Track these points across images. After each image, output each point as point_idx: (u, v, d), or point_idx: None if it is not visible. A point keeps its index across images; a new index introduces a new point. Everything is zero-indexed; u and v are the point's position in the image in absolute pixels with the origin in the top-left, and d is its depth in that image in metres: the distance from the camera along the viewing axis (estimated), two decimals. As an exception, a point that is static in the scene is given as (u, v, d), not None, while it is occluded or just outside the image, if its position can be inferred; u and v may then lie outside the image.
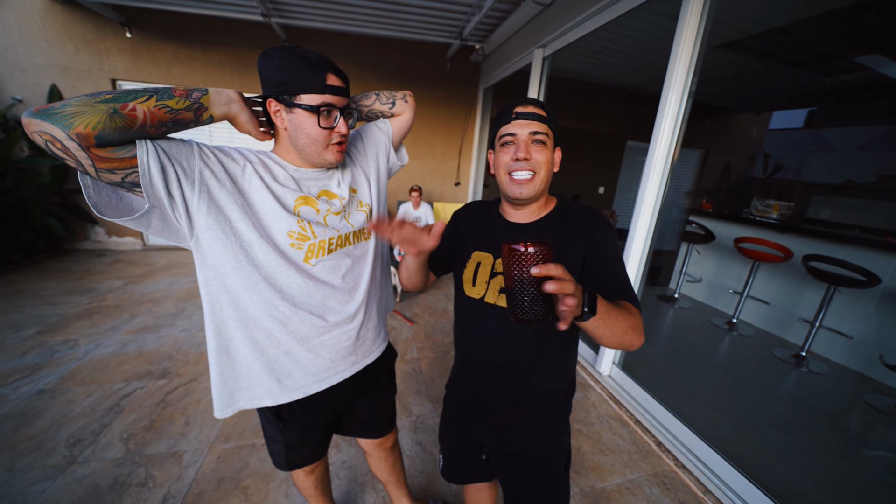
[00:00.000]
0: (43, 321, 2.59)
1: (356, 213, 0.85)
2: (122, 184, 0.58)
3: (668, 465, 1.69)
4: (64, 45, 3.70)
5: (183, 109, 0.60)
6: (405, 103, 0.95)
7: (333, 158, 0.76)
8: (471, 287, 0.82)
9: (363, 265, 0.87)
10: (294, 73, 0.66)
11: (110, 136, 0.53)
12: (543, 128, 0.72)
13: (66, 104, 0.51)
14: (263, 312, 0.73)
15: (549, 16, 2.85)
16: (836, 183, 4.16)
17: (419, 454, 1.67)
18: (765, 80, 3.89)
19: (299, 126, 0.70)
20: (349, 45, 4.23)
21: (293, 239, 0.73)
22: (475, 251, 0.83)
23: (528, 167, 0.72)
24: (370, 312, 0.90)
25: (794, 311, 2.94)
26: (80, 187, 4.01)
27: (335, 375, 0.86)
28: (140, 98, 0.56)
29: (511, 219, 0.82)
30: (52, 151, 0.52)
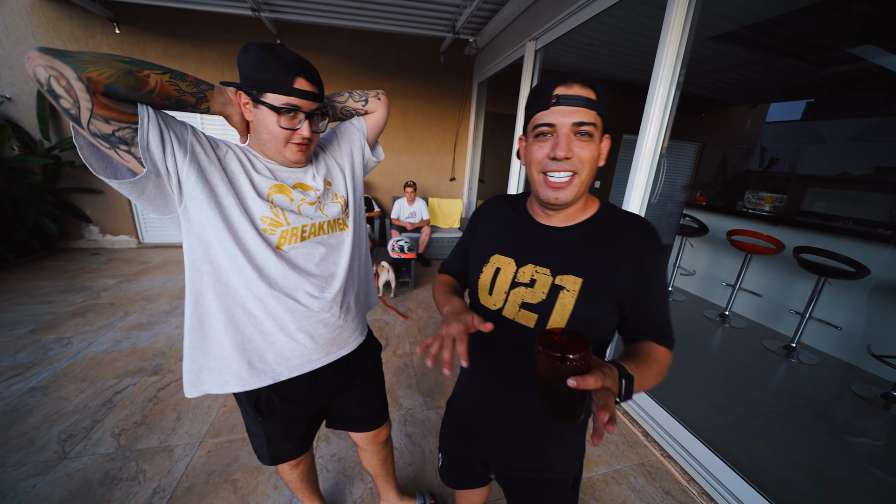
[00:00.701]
0: (36, 320, 2.59)
1: (331, 205, 0.88)
2: (109, 137, 0.58)
3: (654, 455, 1.71)
4: (52, 41, 3.66)
5: (188, 93, 0.65)
6: (378, 101, 0.97)
7: (293, 157, 0.78)
8: (486, 296, 0.71)
9: (339, 255, 0.89)
10: (264, 72, 0.68)
11: (119, 91, 0.55)
12: (591, 115, 0.56)
13: (83, 52, 0.53)
14: (243, 286, 0.75)
15: (540, 8, 2.82)
16: (831, 175, 4.16)
17: (408, 446, 1.69)
18: (759, 71, 3.87)
19: (262, 122, 0.73)
20: (341, 39, 4.19)
21: (266, 224, 0.76)
22: (495, 254, 0.72)
23: (567, 167, 0.58)
24: (348, 303, 0.91)
25: (786, 302, 2.95)
26: (73, 186, 4.02)
27: (308, 363, 0.86)
28: (156, 70, 0.60)
29: (542, 220, 0.69)
30: (50, 88, 0.51)
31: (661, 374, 0.61)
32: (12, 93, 3.72)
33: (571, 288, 0.63)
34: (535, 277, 0.66)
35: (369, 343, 1.06)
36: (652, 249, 0.63)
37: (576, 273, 0.63)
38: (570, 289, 0.63)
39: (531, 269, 0.67)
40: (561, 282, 0.63)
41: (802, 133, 4.72)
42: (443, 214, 4.87)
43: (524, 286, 0.67)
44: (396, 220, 4.28)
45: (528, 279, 0.66)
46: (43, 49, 0.51)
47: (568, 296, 0.62)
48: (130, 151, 0.60)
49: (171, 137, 0.64)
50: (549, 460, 0.75)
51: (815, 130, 4.55)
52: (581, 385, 0.44)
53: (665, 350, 0.64)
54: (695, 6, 1.65)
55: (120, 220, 4.37)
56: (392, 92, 4.59)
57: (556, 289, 0.63)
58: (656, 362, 0.61)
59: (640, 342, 0.65)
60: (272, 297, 0.77)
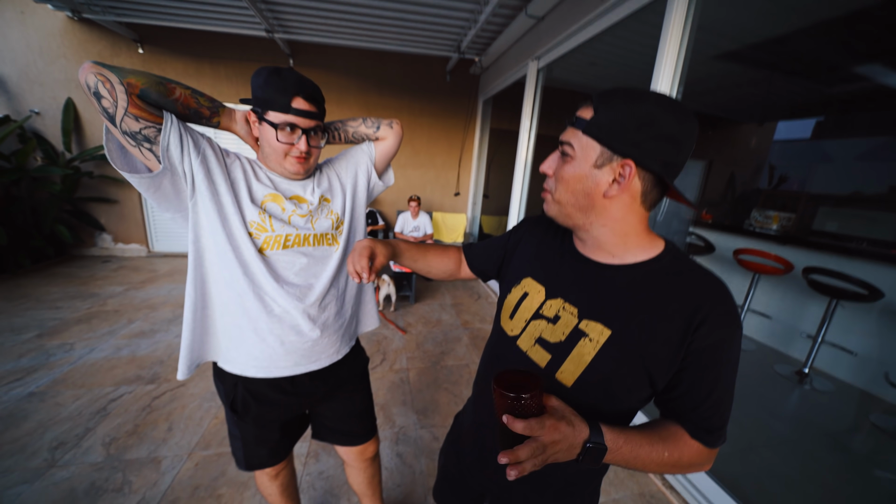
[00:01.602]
0: (43, 325, 2.65)
1: (323, 220, 0.92)
2: (136, 134, 0.68)
3: (656, 486, 1.63)
4: (80, 60, 3.87)
5: (205, 106, 0.77)
6: (389, 129, 1.01)
7: (293, 169, 0.84)
8: (507, 318, 0.66)
9: (321, 268, 0.90)
10: (267, 92, 0.76)
11: (150, 95, 0.67)
12: (573, 135, 0.53)
13: (125, 67, 0.66)
14: (227, 280, 0.82)
15: (542, 29, 2.89)
16: (843, 194, 4.06)
17: (398, 466, 1.65)
18: (765, 90, 3.85)
19: (265, 137, 0.81)
20: (351, 59, 4.34)
21: (253, 228, 0.82)
22: (527, 277, 0.66)
23: (545, 184, 0.59)
24: (325, 318, 0.91)
25: (797, 325, 2.84)
26: (88, 195, 4.17)
27: (274, 369, 0.88)
28: (181, 85, 0.73)
29: (583, 251, 0.61)
30: (96, 90, 0.63)
31: (673, 466, 0.52)
32: (41, 107, 3.93)
33: (595, 338, 0.54)
34: (561, 314, 0.59)
35: (353, 355, 1.05)
36: (718, 321, 0.49)
37: (605, 322, 0.54)
38: (594, 338, 0.54)
39: (559, 303, 0.60)
40: (585, 327, 0.55)
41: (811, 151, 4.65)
42: (447, 229, 4.89)
43: (546, 320, 0.60)
44: (400, 234, 4.31)
45: (553, 314, 0.60)
46: (95, 62, 0.63)
47: (588, 346, 0.54)
48: (152, 150, 0.70)
49: (189, 141, 0.74)
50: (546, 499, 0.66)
51: (824, 149, 4.48)
52: (509, 425, 0.43)
53: (696, 445, 0.52)
54: (691, 26, 1.67)
55: (132, 229, 4.50)
56: (399, 108, 4.70)
57: (577, 334, 0.56)
58: (669, 450, 0.51)
59: (670, 423, 0.55)
60: (251, 295, 0.83)
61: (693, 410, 0.52)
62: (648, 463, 0.51)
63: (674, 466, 0.53)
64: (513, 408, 0.43)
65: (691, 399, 0.52)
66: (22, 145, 3.73)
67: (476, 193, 5.15)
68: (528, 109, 3.17)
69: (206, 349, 0.88)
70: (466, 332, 3.06)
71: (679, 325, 0.50)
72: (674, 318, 0.50)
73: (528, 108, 3.17)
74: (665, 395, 0.55)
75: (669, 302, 0.52)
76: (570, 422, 0.47)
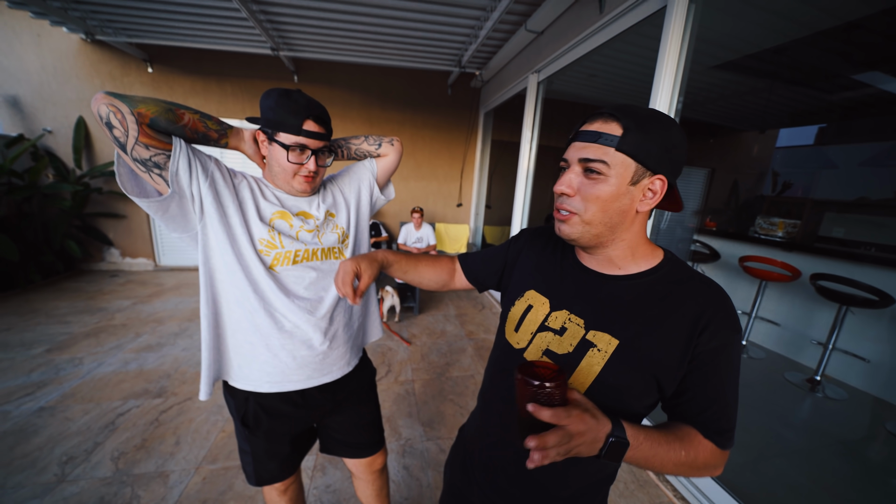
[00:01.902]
0: (52, 339, 2.68)
1: (329, 234, 0.94)
2: (146, 161, 0.70)
3: (667, 497, 1.60)
4: (92, 80, 4.00)
5: (213, 129, 0.79)
6: (391, 146, 1.05)
7: (300, 187, 0.87)
8: (512, 331, 0.66)
9: (330, 281, 0.92)
10: (278, 114, 0.78)
11: (160, 123, 0.69)
12: (602, 152, 0.51)
13: (135, 96, 0.68)
14: (237, 298, 0.84)
15: (541, 43, 2.95)
16: (848, 200, 4.05)
17: (405, 479, 1.63)
18: (765, 98, 3.89)
19: (274, 157, 0.83)
20: (354, 74, 4.44)
21: (262, 245, 0.84)
22: (531, 289, 0.66)
23: (566, 205, 0.55)
24: (335, 330, 0.93)
25: (807, 332, 2.81)
26: (98, 211, 4.25)
27: (288, 383, 0.89)
28: (189, 110, 0.75)
29: (586, 263, 0.62)
30: (108, 120, 0.65)
31: (689, 466, 0.52)
32: (54, 126, 4.04)
33: (604, 349, 0.55)
34: (567, 326, 0.59)
35: (361, 367, 1.07)
36: (720, 325, 0.52)
37: (613, 333, 0.55)
38: (602, 349, 0.55)
39: (565, 315, 0.60)
40: (593, 338, 0.56)
41: (814, 158, 4.66)
42: (450, 239, 4.91)
43: (553, 332, 0.60)
44: (403, 245, 4.33)
45: (559, 326, 0.60)
46: (107, 92, 0.65)
47: (597, 356, 0.55)
48: (162, 175, 0.72)
49: (197, 165, 0.76)
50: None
51: (826, 155, 4.49)
52: (535, 413, 0.43)
53: (708, 446, 0.53)
54: (689, 38, 1.71)
55: (139, 244, 4.56)
56: (402, 122, 4.78)
57: (585, 345, 0.57)
58: (686, 449, 0.52)
59: (682, 424, 0.56)
60: (262, 312, 0.84)
61: (701, 414, 0.54)
62: (666, 462, 0.51)
63: (689, 467, 0.52)
64: (537, 397, 0.43)
65: (698, 403, 0.54)
66: (34, 163, 3.83)
67: (478, 204, 5.19)
68: (529, 121, 3.22)
69: (221, 367, 0.89)
70: (471, 342, 3.05)
71: (684, 331, 0.52)
72: (679, 324, 0.53)
73: (529, 120, 3.22)
74: (673, 401, 0.56)
75: (674, 309, 0.54)
76: (593, 414, 0.47)
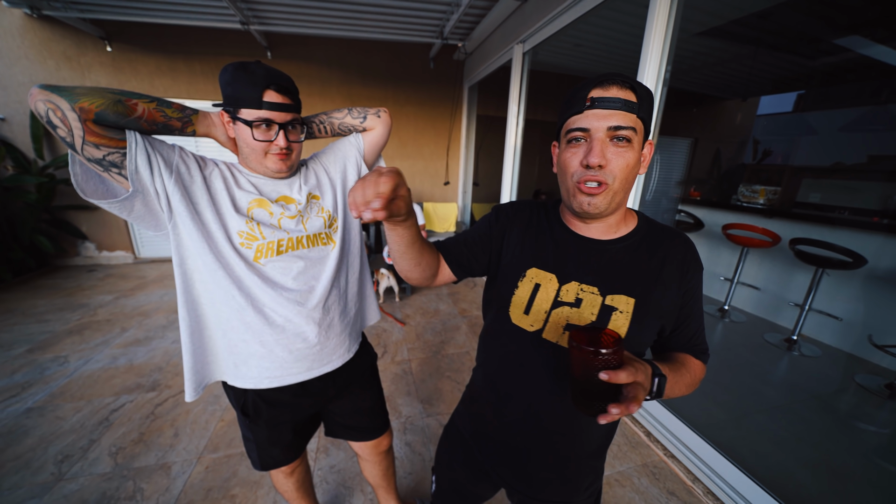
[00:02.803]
0: (33, 339, 2.58)
1: (314, 219, 0.88)
2: (101, 161, 0.64)
3: (658, 455, 1.70)
4: (45, 61, 3.68)
5: (174, 118, 0.71)
6: (377, 118, 0.96)
7: (275, 167, 0.80)
8: (521, 315, 0.63)
9: (319, 269, 0.88)
10: (236, 89, 0.72)
11: (108, 117, 0.61)
12: (630, 119, 0.52)
13: (77, 87, 0.60)
14: (223, 298, 0.79)
15: (526, 11, 2.84)
16: (825, 165, 4.16)
17: (408, 455, 1.67)
18: (748, 65, 3.88)
19: (241, 137, 0.76)
20: (331, 48, 4.21)
21: (242, 238, 0.78)
22: (531, 268, 0.64)
23: (600, 176, 0.54)
24: (330, 319, 0.90)
25: (785, 295, 2.94)
26: (67, 204, 4.02)
27: (288, 376, 0.86)
28: (144, 99, 0.66)
29: (580, 231, 0.64)
30: (48, 119, 0.58)
31: (693, 384, 0.61)
32: (6, 113, 3.74)
33: (624, 309, 0.59)
34: (581, 297, 0.61)
35: (362, 352, 1.05)
36: (694, 267, 0.62)
37: (627, 293, 0.59)
38: (624, 310, 0.59)
39: (576, 286, 0.61)
40: (612, 302, 0.59)
41: (794, 124, 4.73)
42: (438, 219, 4.87)
43: (569, 306, 0.61)
44: (393, 226, 4.28)
45: (573, 298, 0.61)
46: (43, 86, 0.57)
47: (622, 317, 0.59)
48: (122, 174, 0.66)
49: (158, 160, 0.69)
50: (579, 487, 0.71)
51: (807, 121, 4.56)
52: (613, 379, 0.44)
53: (700, 364, 0.64)
54: (678, 3, 1.66)
55: (115, 236, 4.37)
56: (383, 99, 4.61)
57: (607, 309, 0.59)
58: (690, 372, 0.61)
59: (676, 353, 0.65)
60: (251, 310, 0.80)
61: (690, 340, 0.65)
62: (682, 386, 0.59)
63: (690, 385, 0.61)
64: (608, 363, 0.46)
65: (687, 333, 0.64)
66: (-10, 154, 3.57)
67: (466, 182, 5.13)
68: (516, 94, 3.14)
69: (212, 370, 0.85)
70: (464, 320, 3.09)
71: (675, 277, 0.61)
72: (671, 273, 0.61)
73: (516, 93, 3.14)
74: (668, 336, 0.65)
75: (664, 261, 0.61)
76: (642, 363, 0.51)
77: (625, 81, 0.52)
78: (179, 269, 0.76)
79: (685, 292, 0.61)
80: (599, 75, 0.53)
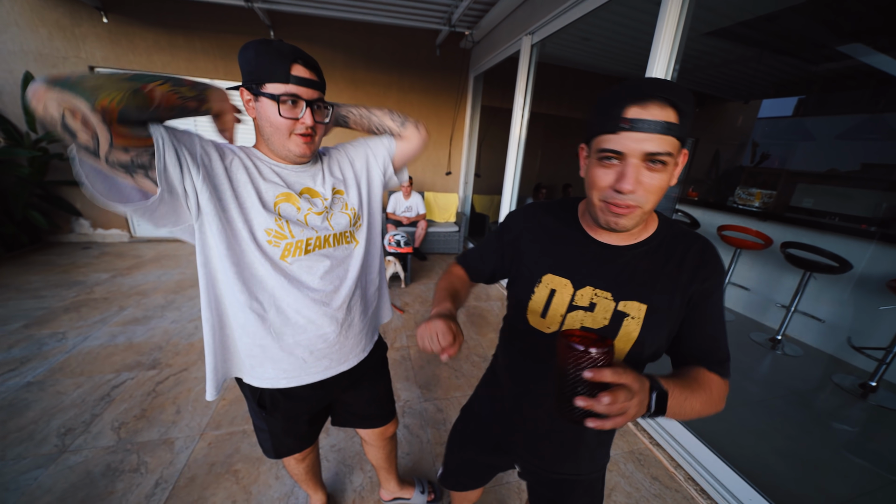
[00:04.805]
0: (29, 315, 2.57)
1: (339, 215, 0.85)
2: (128, 165, 0.56)
3: (643, 443, 1.78)
4: (36, 29, 3.56)
5: (190, 97, 0.62)
6: (416, 130, 0.94)
7: (298, 150, 0.74)
8: (538, 318, 0.67)
9: (344, 269, 0.87)
10: (262, 64, 0.67)
11: (131, 113, 0.53)
12: (668, 143, 0.49)
13: (83, 77, 0.50)
14: (245, 304, 0.76)
15: (536, 2, 2.82)
16: (819, 171, 4.24)
17: (406, 436, 1.73)
18: (752, 67, 3.91)
19: (263, 114, 0.71)
20: (336, 31, 4.13)
21: (270, 236, 0.74)
22: (547, 274, 0.66)
23: (631, 201, 0.52)
24: (351, 319, 0.89)
25: (773, 296, 3.04)
26: (61, 179, 3.95)
27: (306, 376, 0.86)
28: (156, 81, 0.57)
29: (597, 236, 0.64)
30: (64, 124, 0.48)
31: (712, 402, 0.57)
32: (-4, 83, 3.62)
33: (636, 315, 0.60)
34: (595, 301, 0.62)
35: (376, 346, 1.06)
36: (713, 271, 0.59)
37: (640, 299, 0.60)
38: (635, 316, 0.60)
39: (590, 291, 0.63)
40: (624, 308, 0.60)
41: (793, 129, 4.79)
42: (439, 209, 4.88)
43: (583, 310, 0.63)
44: (392, 215, 4.29)
45: (588, 303, 0.63)
46: (47, 81, 0.47)
47: (633, 323, 0.60)
48: (149, 175, 0.59)
49: (185, 155, 0.62)
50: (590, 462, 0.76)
51: (805, 127, 4.62)
52: (597, 377, 0.43)
53: (718, 378, 0.59)
54: (689, 2, 1.67)
55: (111, 214, 4.31)
56: (388, 85, 4.56)
57: (619, 315, 0.61)
58: (704, 389, 0.56)
59: (691, 367, 0.61)
60: (273, 311, 0.78)
61: (704, 349, 0.61)
62: (694, 404, 0.54)
63: (708, 404, 0.56)
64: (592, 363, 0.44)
65: (701, 340, 0.61)
66: (-19, 125, 3.47)
67: (468, 172, 5.13)
68: (522, 86, 3.13)
69: (230, 367, 0.84)
70: (462, 310, 3.14)
71: (685, 278, 0.59)
72: (682, 274, 0.60)
73: (522, 86, 3.13)
74: (677, 343, 0.63)
75: (677, 261, 0.60)
76: (637, 373, 0.47)
77: (666, 98, 0.47)
78: (204, 269, 0.73)
79: (700, 296, 0.59)
80: (636, 86, 0.49)
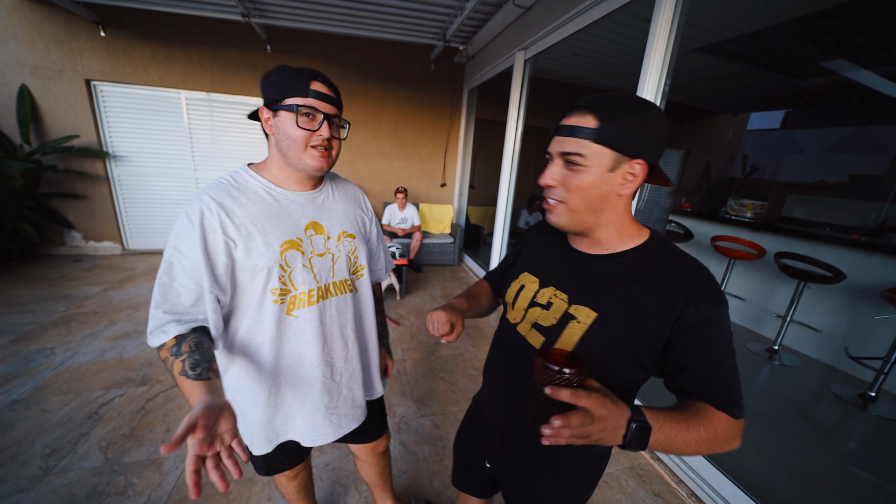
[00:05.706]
0: (17, 330, 2.51)
1: (342, 259, 0.87)
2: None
3: (644, 459, 1.75)
4: (33, 43, 3.58)
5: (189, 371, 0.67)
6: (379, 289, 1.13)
7: (314, 163, 0.76)
8: (510, 309, 0.74)
9: (345, 318, 0.89)
10: (282, 80, 0.72)
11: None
12: (581, 145, 0.55)
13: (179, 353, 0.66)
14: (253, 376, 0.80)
15: (529, 19, 2.88)
16: (809, 182, 4.32)
17: (402, 454, 1.69)
18: (740, 82, 4.01)
19: (281, 128, 0.73)
20: (332, 45, 4.19)
21: (276, 295, 0.76)
22: (524, 272, 0.74)
23: (552, 195, 0.60)
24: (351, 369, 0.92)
25: (768, 306, 3.05)
26: (53, 191, 3.91)
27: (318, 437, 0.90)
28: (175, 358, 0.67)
29: (575, 245, 0.68)
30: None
31: (714, 441, 0.52)
32: (-9, 95, 3.61)
33: (583, 320, 0.60)
34: (553, 301, 0.65)
35: None
36: (704, 300, 0.54)
37: (592, 306, 0.60)
38: (581, 321, 0.60)
39: (551, 291, 0.67)
40: (574, 311, 0.62)
41: (781, 141, 4.90)
42: (434, 220, 4.89)
43: (541, 307, 0.67)
44: (387, 226, 4.29)
45: (546, 301, 0.67)
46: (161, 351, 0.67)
47: (576, 327, 0.60)
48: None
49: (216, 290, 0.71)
50: (539, 490, 0.72)
51: (793, 139, 4.73)
52: (554, 394, 0.43)
53: (723, 416, 0.53)
54: (678, 20, 1.72)
55: (104, 226, 4.27)
56: (383, 97, 4.61)
57: (567, 317, 0.62)
58: (706, 426, 0.52)
59: (696, 402, 0.56)
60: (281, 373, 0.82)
61: (705, 386, 0.55)
62: (689, 441, 0.51)
63: (710, 442, 0.52)
64: (555, 381, 0.44)
65: (698, 376, 0.55)
66: (-26, 137, 3.45)
67: (462, 184, 5.16)
68: (516, 100, 3.18)
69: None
70: (459, 321, 3.11)
71: (663, 304, 0.55)
72: (658, 298, 0.55)
73: (516, 99, 3.18)
74: (674, 378, 0.58)
75: (654, 284, 0.57)
76: (613, 400, 0.47)
77: (587, 108, 0.54)
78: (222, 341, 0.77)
79: (680, 330, 0.54)
80: (576, 102, 0.57)
